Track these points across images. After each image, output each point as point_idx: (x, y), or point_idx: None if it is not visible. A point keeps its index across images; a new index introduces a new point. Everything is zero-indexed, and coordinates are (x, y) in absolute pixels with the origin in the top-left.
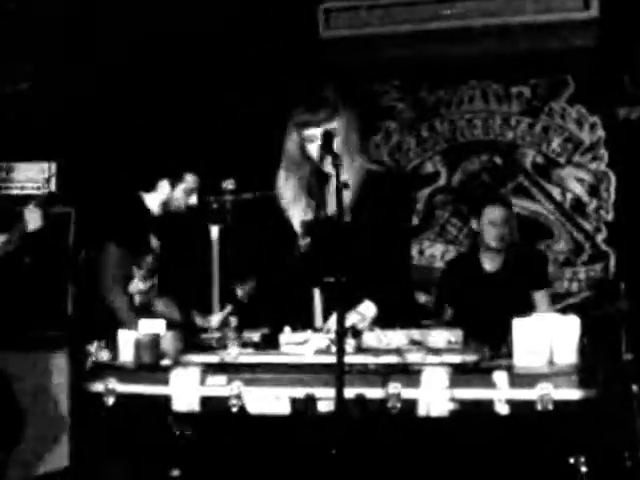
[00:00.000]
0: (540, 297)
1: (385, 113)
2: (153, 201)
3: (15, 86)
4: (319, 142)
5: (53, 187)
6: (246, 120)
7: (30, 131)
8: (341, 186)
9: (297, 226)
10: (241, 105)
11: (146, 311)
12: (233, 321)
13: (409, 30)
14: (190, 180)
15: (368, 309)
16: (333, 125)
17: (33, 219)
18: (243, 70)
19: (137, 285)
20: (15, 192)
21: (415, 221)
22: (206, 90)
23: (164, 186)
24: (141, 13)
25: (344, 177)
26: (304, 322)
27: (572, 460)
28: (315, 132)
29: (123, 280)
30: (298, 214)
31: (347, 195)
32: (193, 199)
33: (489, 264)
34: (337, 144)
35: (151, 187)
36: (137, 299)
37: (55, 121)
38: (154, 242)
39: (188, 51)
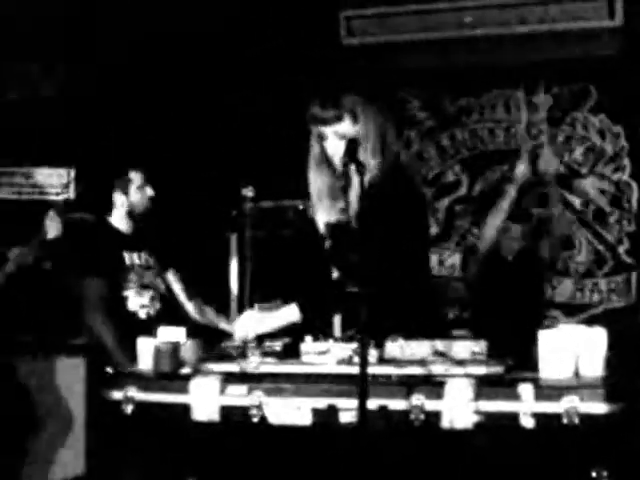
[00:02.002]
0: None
1: (406, 122)
2: (119, 214)
3: (34, 91)
4: (342, 149)
5: (72, 193)
6: (267, 127)
7: (49, 136)
8: (365, 193)
9: (321, 227)
10: (261, 112)
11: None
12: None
13: (431, 38)
14: (135, 177)
15: (287, 313)
16: (344, 127)
17: (53, 227)
18: (264, 77)
19: (136, 301)
20: (34, 197)
21: (435, 230)
22: (227, 98)
23: (118, 197)
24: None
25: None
26: (324, 331)
27: (594, 474)
28: (324, 130)
29: (108, 305)
30: (321, 216)
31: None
32: (149, 192)
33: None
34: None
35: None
36: (142, 314)
37: (74, 126)
38: (134, 258)
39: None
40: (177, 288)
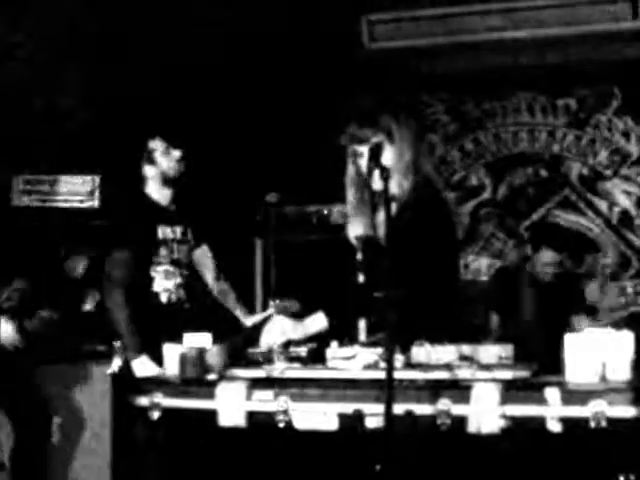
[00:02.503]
0: None
1: (429, 126)
2: (154, 186)
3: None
4: (366, 155)
5: (97, 200)
6: (291, 133)
7: (74, 144)
8: (389, 199)
9: (352, 239)
10: (285, 118)
11: (178, 310)
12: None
13: (454, 42)
14: (157, 144)
15: (315, 322)
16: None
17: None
18: (288, 81)
19: (161, 284)
20: (59, 205)
21: (459, 235)
22: (250, 103)
23: (147, 170)
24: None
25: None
26: (350, 336)
27: (622, 478)
28: (361, 149)
29: (132, 282)
30: (354, 229)
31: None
32: (176, 153)
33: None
34: (391, 161)
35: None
36: (164, 297)
37: (98, 133)
38: (168, 232)
39: (232, 60)
40: (208, 265)
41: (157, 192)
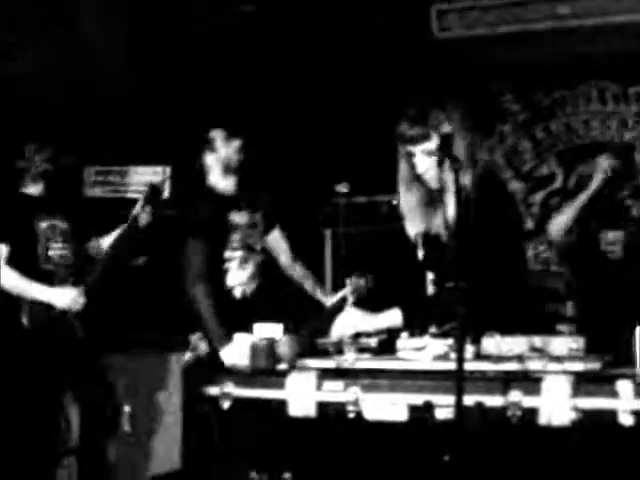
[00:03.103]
0: None
1: (500, 115)
2: (216, 174)
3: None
4: (432, 166)
5: (167, 191)
6: (360, 123)
7: (144, 135)
8: (460, 189)
9: (412, 236)
10: (355, 108)
11: (247, 304)
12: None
13: (523, 30)
14: (217, 133)
15: (390, 318)
16: (432, 144)
17: (144, 215)
18: (356, 71)
19: (235, 276)
20: (130, 196)
21: (530, 225)
22: (317, 94)
23: (209, 158)
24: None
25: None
26: (421, 327)
27: None
28: (413, 149)
29: (209, 276)
30: (412, 228)
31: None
32: (237, 142)
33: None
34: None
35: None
36: (237, 292)
37: (168, 126)
38: (237, 218)
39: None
40: (282, 247)
41: (221, 180)
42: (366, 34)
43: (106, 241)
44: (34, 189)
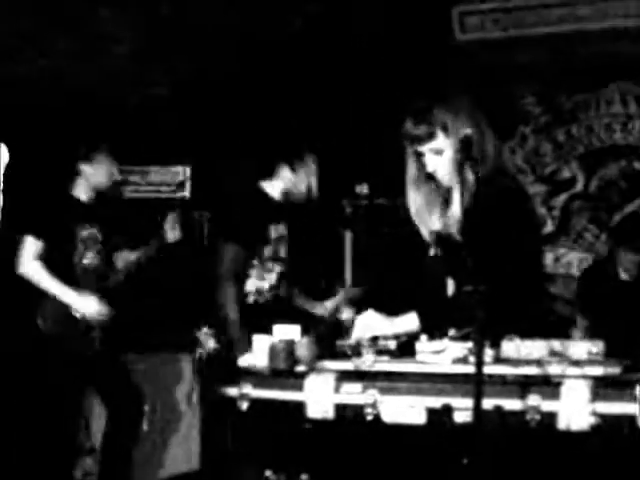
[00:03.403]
0: None
1: (521, 117)
2: (274, 189)
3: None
4: (442, 163)
5: (187, 191)
6: (380, 125)
7: (164, 135)
8: (469, 206)
9: (426, 236)
10: (375, 110)
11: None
12: (346, 312)
13: (545, 33)
14: (310, 162)
15: (407, 322)
16: (439, 142)
17: (172, 231)
18: (378, 73)
19: (254, 283)
20: (150, 195)
21: (551, 228)
22: (339, 96)
23: (284, 171)
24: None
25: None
26: (439, 330)
27: None
28: (420, 148)
29: (236, 279)
30: (425, 226)
31: (456, 209)
32: (314, 183)
33: (626, 273)
34: (449, 161)
35: (270, 174)
36: (251, 298)
37: (187, 125)
38: (276, 231)
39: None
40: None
41: (274, 192)
42: (387, 36)
43: (134, 255)
44: (84, 195)
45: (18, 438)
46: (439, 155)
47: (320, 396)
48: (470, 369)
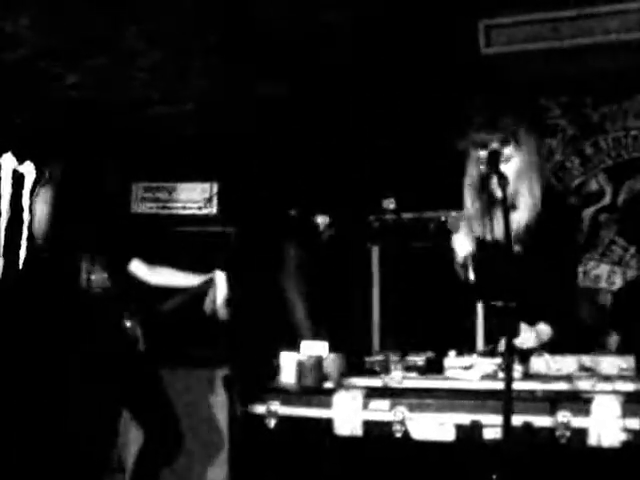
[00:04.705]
0: None
1: (547, 130)
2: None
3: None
4: (485, 161)
5: (214, 207)
6: (407, 139)
7: (192, 152)
8: (508, 207)
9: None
10: (402, 124)
11: None
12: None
13: (572, 45)
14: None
15: (541, 332)
16: (508, 150)
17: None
18: (405, 86)
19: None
20: (177, 212)
21: (581, 241)
22: (369, 109)
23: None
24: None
25: (520, 201)
26: (468, 346)
27: None
28: (483, 153)
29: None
30: (469, 231)
31: (517, 218)
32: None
33: None
34: (517, 170)
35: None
36: None
37: (215, 143)
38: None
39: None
40: None
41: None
42: (415, 50)
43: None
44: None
45: (51, 450)
46: (506, 162)
47: (348, 413)
48: (499, 385)
